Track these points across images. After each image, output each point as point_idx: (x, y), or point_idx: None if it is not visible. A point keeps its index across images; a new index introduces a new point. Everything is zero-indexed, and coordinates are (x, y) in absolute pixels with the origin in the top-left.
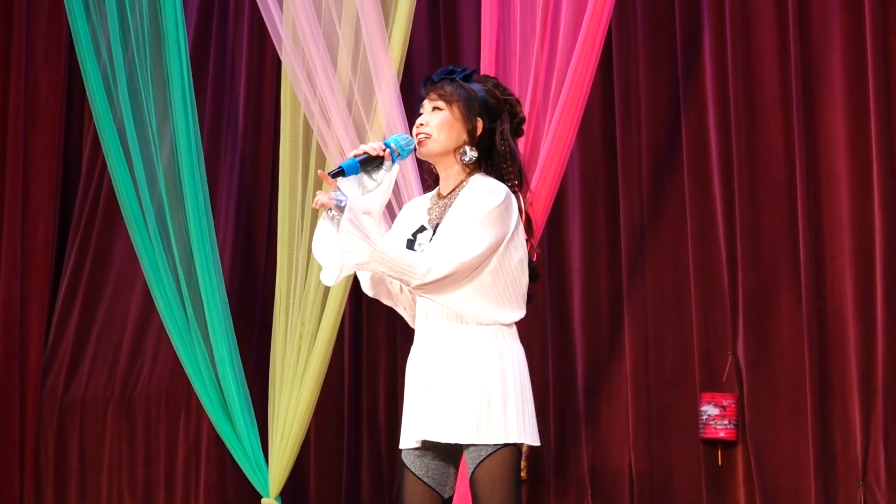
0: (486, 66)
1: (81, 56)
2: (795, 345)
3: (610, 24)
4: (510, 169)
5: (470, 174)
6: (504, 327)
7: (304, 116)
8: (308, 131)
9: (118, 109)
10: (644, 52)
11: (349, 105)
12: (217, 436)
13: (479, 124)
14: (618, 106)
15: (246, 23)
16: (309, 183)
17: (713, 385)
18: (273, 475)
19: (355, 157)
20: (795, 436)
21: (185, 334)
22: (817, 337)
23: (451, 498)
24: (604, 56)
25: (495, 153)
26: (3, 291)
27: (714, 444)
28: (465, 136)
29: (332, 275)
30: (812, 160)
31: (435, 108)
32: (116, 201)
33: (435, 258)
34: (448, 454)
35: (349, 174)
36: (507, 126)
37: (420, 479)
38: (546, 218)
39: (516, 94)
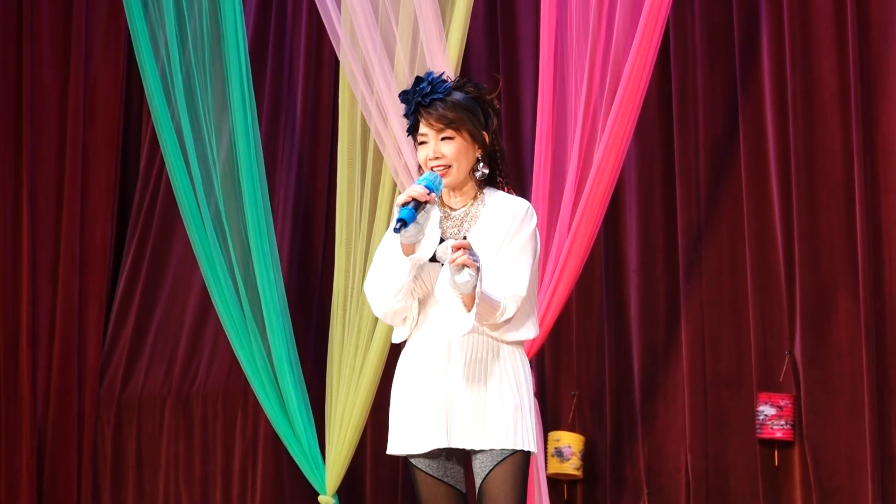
0: (545, 65)
1: (140, 55)
2: (853, 345)
3: (667, 22)
4: (505, 170)
5: (482, 186)
6: (521, 342)
7: (362, 115)
8: (365, 130)
9: (176, 108)
10: (701, 51)
11: None
12: (274, 433)
13: (486, 137)
14: (675, 105)
15: (304, 21)
16: (367, 181)
17: (770, 385)
18: (330, 473)
19: (405, 205)
20: (853, 436)
21: (243, 332)
22: (875, 337)
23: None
24: (661, 55)
25: (492, 157)
26: (62, 290)
27: (771, 444)
28: (477, 154)
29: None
30: (871, 160)
31: (444, 138)
32: (174, 200)
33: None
34: (459, 453)
35: (410, 223)
36: (495, 125)
37: (441, 480)
38: (603, 217)
39: (573, 93)
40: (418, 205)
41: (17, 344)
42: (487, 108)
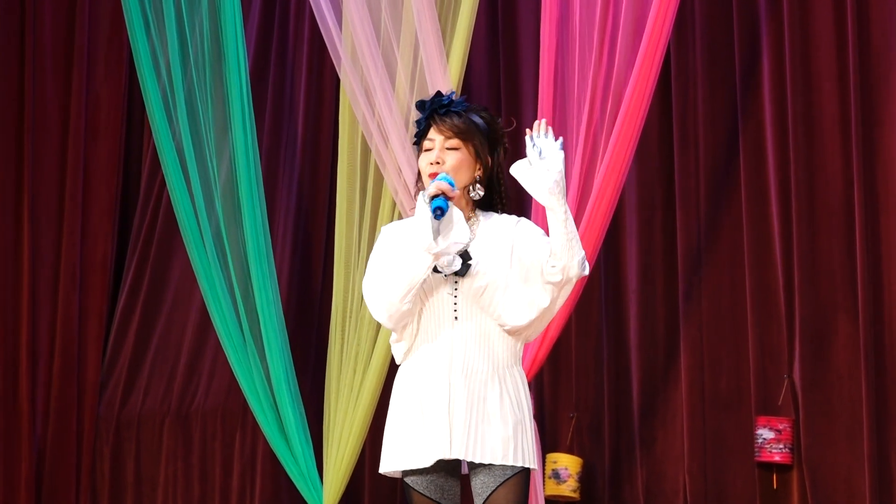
0: (545, 86)
1: (141, 74)
2: (852, 369)
3: (668, 45)
4: (505, 202)
5: (474, 209)
6: (520, 362)
7: (363, 135)
8: (366, 149)
9: (177, 127)
10: (702, 74)
11: (406, 124)
12: (272, 453)
13: (489, 161)
14: (675, 127)
15: (305, 41)
16: (367, 201)
17: (769, 408)
18: (327, 493)
19: (435, 196)
20: (851, 460)
21: (241, 352)
22: (874, 361)
23: None
24: (662, 77)
25: (493, 186)
26: (62, 307)
27: (769, 467)
28: (477, 174)
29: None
30: (871, 183)
31: (450, 148)
32: (175, 219)
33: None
34: (453, 469)
35: (446, 211)
36: (502, 157)
37: (438, 502)
38: (602, 239)
39: (574, 115)
40: (446, 198)
41: (16, 360)
42: (497, 137)
